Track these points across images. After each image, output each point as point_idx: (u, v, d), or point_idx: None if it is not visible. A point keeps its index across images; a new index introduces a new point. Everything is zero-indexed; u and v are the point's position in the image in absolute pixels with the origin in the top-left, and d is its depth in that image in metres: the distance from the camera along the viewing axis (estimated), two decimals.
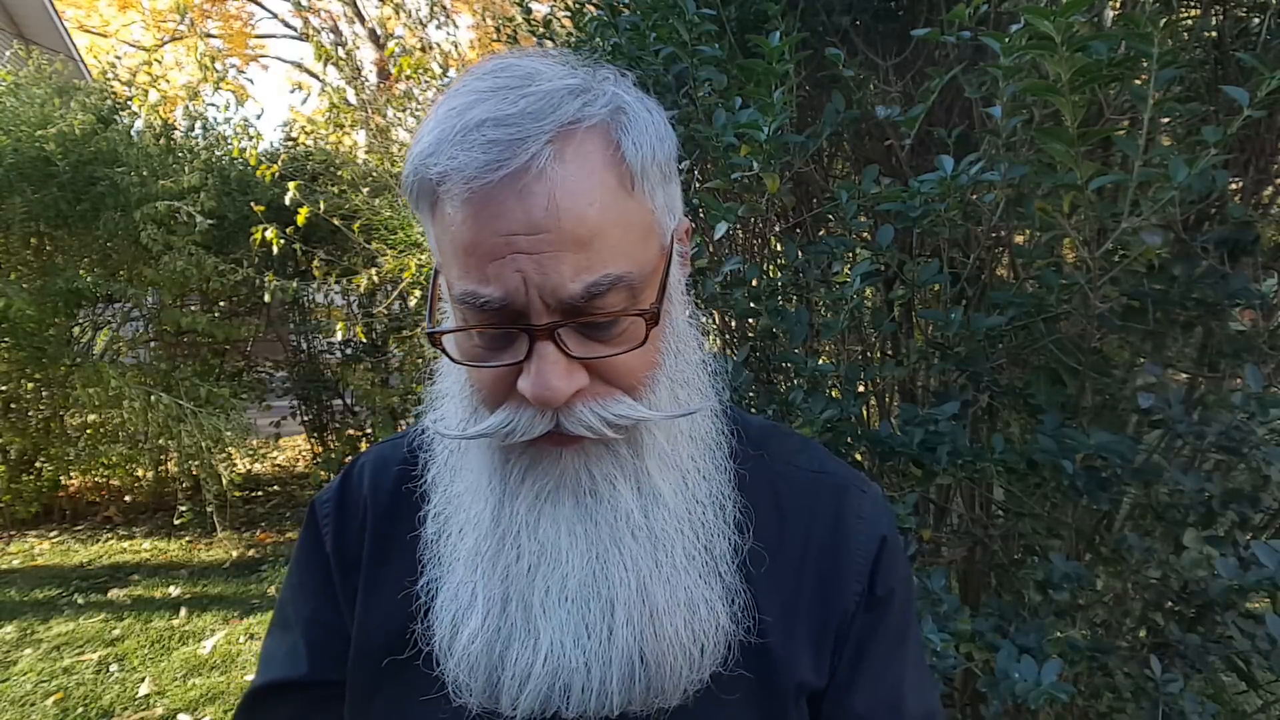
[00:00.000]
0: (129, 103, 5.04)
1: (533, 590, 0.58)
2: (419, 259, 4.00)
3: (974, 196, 1.22)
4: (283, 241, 4.30)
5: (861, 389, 1.54)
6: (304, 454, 6.82)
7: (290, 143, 5.75)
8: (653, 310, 0.56)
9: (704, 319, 1.79)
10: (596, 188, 0.53)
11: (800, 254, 1.40)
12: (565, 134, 0.52)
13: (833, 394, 1.37)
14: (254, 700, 0.73)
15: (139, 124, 5.05)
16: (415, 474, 0.70)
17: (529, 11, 2.44)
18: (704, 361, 0.66)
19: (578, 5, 1.89)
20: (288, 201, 4.16)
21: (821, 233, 1.73)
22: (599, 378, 0.56)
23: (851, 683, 0.67)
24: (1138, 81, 0.99)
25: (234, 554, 4.59)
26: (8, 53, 5.00)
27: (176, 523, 4.83)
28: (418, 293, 4.29)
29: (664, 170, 0.59)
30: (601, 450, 0.58)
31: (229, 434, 4.45)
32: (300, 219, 4.15)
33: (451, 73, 4.52)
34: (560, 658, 0.57)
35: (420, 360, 4.97)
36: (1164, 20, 0.91)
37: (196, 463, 4.57)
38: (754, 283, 1.40)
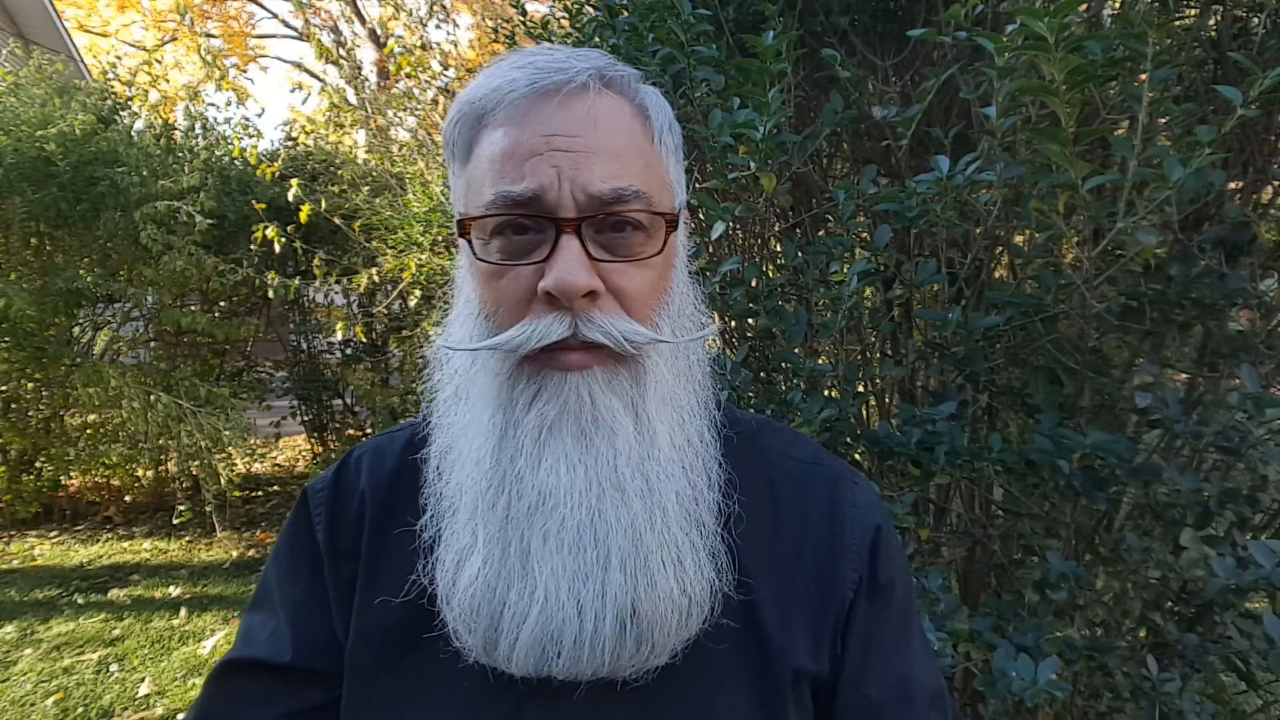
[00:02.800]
0: (129, 103, 5.04)
1: (531, 533, 0.59)
2: (419, 259, 4.00)
3: (971, 196, 1.22)
4: (284, 240, 4.30)
5: (860, 389, 1.54)
6: (304, 454, 6.82)
7: (290, 142, 5.75)
8: (672, 215, 0.62)
9: (704, 319, 1.79)
10: (627, 126, 0.61)
11: (799, 254, 1.40)
12: (606, 81, 0.61)
13: (831, 394, 1.37)
14: (228, 670, 0.72)
15: (139, 124, 5.06)
16: (416, 462, 0.70)
17: (525, 12, 2.44)
18: (701, 324, 0.69)
19: (576, 6, 1.89)
20: (291, 198, 4.16)
21: (820, 233, 1.73)
22: (611, 293, 0.60)
23: (864, 672, 0.68)
24: (1136, 82, 0.99)
25: (234, 554, 4.59)
26: (6, 52, 4.99)
27: (176, 522, 4.84)
28: (418, 293, 4.29)
29: (676, 146, 0.67)
30: (607, 377, 0.60)
31: (228, 434, 4.45)
32: (303, 215, 4.16)
33: (450, 72, 4.52)
34: (555, 604, 0.58)
35: (420, 360, 4.96)
36: (1160, 20, 0.91)
37: (196, 463, 4.58)
38: (753, 283, 1.40)
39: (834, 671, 0.68)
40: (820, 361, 1.38)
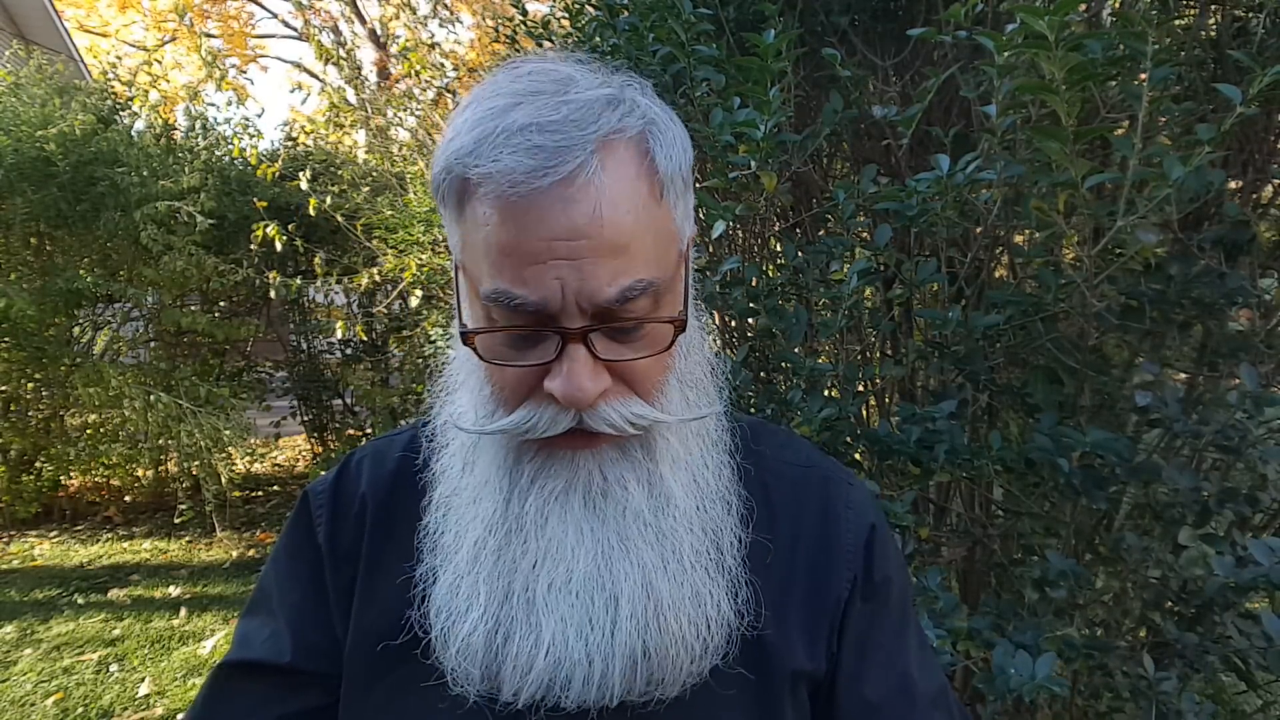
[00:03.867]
0: (129, 103, 5.04)
1: (536, 583, 0.59)
2: (419, 258, 4.01)
3: (971, 196, 1.22)
4: (284, 238, 4.30)
5: (860, 388, 1.54)
6: (304, 454, 6.82)
7: (290, 142, 5.75)
8: (681, 318, 0.59)
9: (704, 319, 1.79)
10: (632, 196, 0.54)
11: (798, 254, 1.40)
12: (608, 144, 0.54)
13: (831, 393, 1.37)
14: (226, 673, 0.72)
15: (139, 124, 5.06)
16: (416, 467, 0.70)
17: (525, 12, 2.44)
18: (710, 362, 0.68)
19: (576, 5, 1.89)
20: (304, 186, 4.16)
21: (821, 233, 1.73)
22: (618, 379, 0.58)
23: (861, 673, 0.68)
24: (1136, 81, 0.99)
25: (234, 554, 4.59)
26: (7, 52, 4.99)
27: (176, 522, 4.84)
28: (418, 293, 4.29)
29: (685, 180, 0.61)
30: (616, 453, 0.60)
31: (228, 434, 4.45)
32: (311, 207, 4.16)
33: (452, 71, 4.52)
34: (563, 650, 0.57)
35: (420, 360, 4.97)
36: (1160, 20, 0.91)
37: (196, 463, 4.58)
38: (753, 282, 1.40)
39: (831, 671, 0.68)
40: (820, 361, 1.38)
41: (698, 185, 1.42)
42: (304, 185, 4.14)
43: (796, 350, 1.38)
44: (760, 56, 1.15)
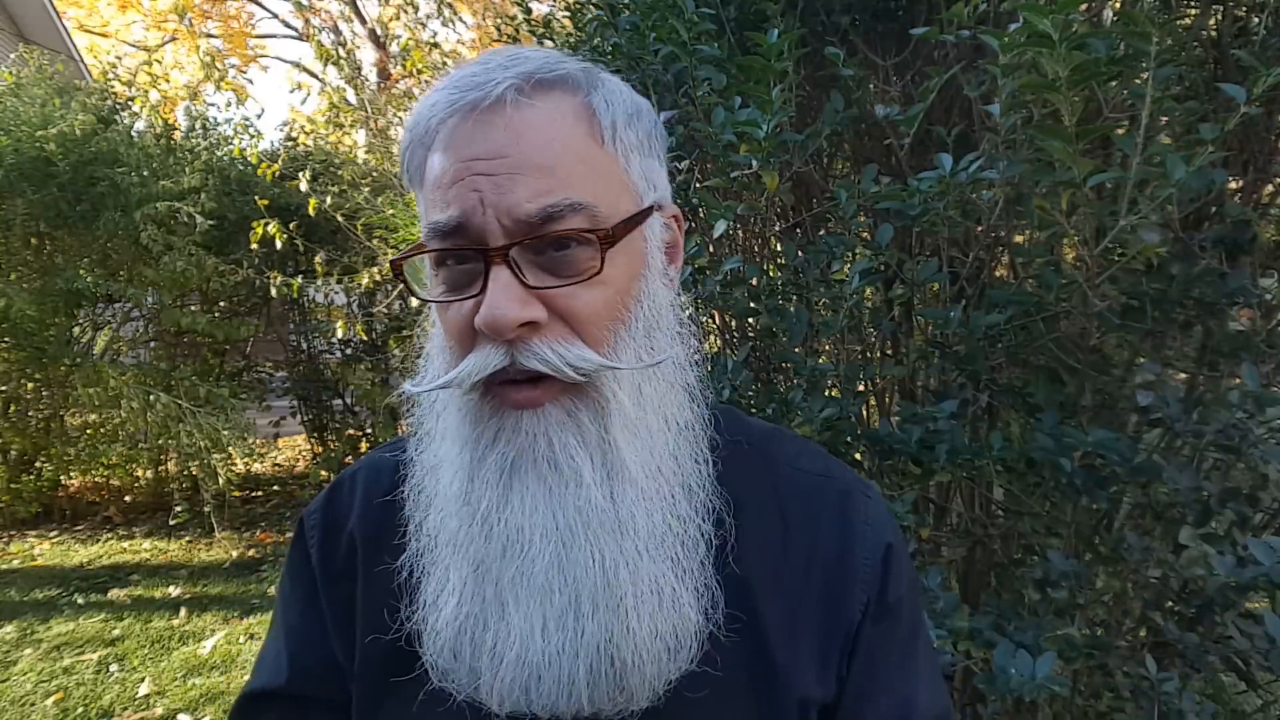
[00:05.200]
0: (129, 103, 5.04)
1: (504, 575, 0.57)
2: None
3: (973, 195, 1.22)
4: (285, 237, 4.30)
5: (860, 388, 1.54)
6: (304, 454, 6.82)
7: (290, 142, 5.75)
8: (607, 232, 0.56)
9: (704, 319, 1.79)
10: (562, 127, 0.56)
11: (800, 253, 1.40)
12: (533, 80, 0.56)
13: (831, 393, 1.37)
14: (243, 704, 0.74)
15: (139, 124, 5.06)
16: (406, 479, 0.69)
17: (529, 11, 2.44)
18: (680, 336, 0.65)
19: (577, 5, 1.89)
20: (303, 188, 4.16)
21: (821, 232, 1.73)
22: (559, 318, 0.56)
23: (865, 693, 0.65)
24: (1137, 80, 0.99)
25: (234, 554, 4.59)
26: (12, 56, 4.99)
27: (174, 523, 4.84)
28: None
29: (642, 141, 0.61)
30: (561, 415, 0.57)
31: (227, 434, 4.45)
32: (311, 207, 4.16)
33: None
34: (530, 649, 0.56)
35: (420, 360, 4.96)
36: (1162, 19, 0.91)
37: (195, 463, 4.58)
38: (754, 282, 1.40)
39: (838, 694, 0.65)
40: (821, 361, 1.38)
41: (699, 185, 1.42)
42: (303, 186, 4.13)
43: (797, 350, 1.38)
44: (764, 56, 1.15)
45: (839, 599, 0.64)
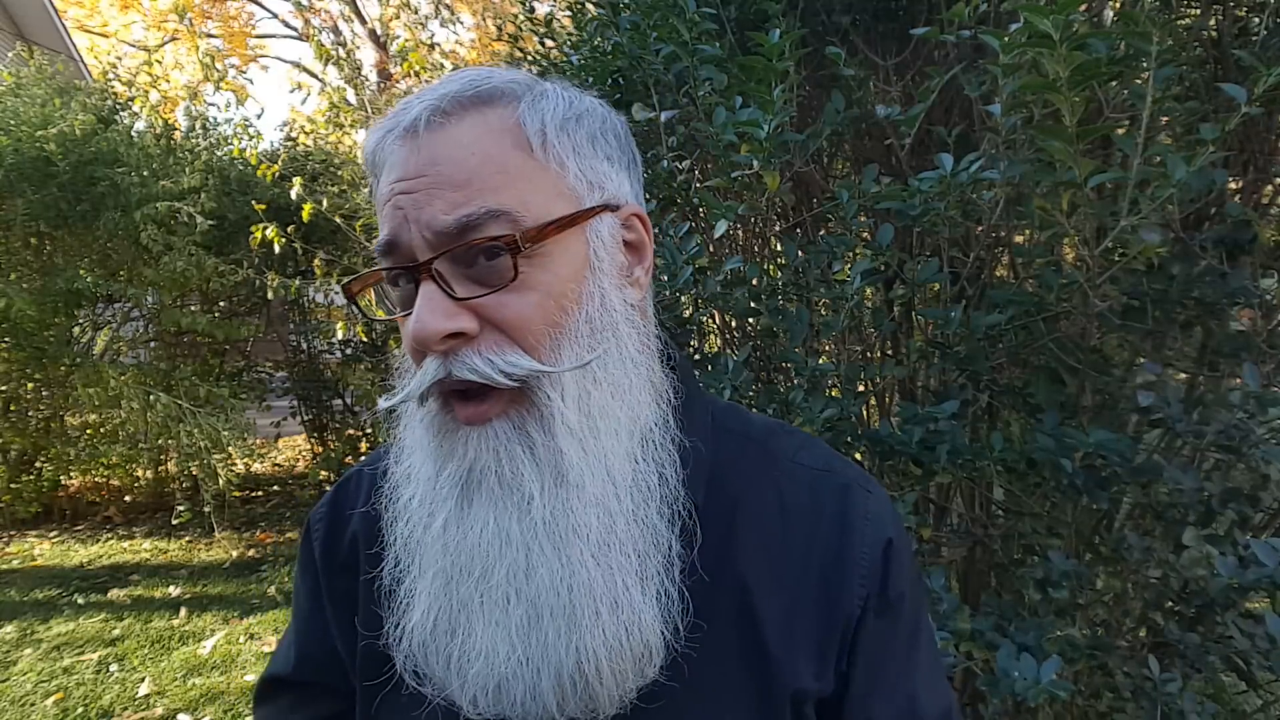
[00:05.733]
0: (129, 103, 5.04)
1: (465, 586, 0.58)
2: None
3: (973, 195, 1.22)
4: (284, 240, 4.30)
5: (861, 388, 1.54)
6: (304, 454, 6.82)
7: (290, 142, 5.75)
8: (514, 239, 0.55)
9: (704, 319, 1.79)
10: (483, 142, 0.57)
11: (800, 254, 1.40)
12: (450, 100, 0.58)
13: (831, 393, 1.37)
14: (260, 688, 0.81)
15: (139, 124, 5.06)
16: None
17: (532, 10, 2.44)
18: (644, 337, 0.64)
19: (578, 4, 1.89)
20: (294, 196, 4.16)
21: (821, 232, 1.73)
22: (493, 327, 0.56)
23: (869, 693, 0.65)
24: (1138, 80, 0.99)
25: (234, 554, 4.59)
26: (10, 55, 4.99)
27: (175, 523, 4.84)
28: None
29: (583, 144, 0.61)
30: (507, 429, 0.57)
31: (227, 434, 4.45)
32: (305, 214, 4.16)
33: (451, 72, 4.52)
34: (494, 660, 0.57)
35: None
36: (1163, 19, 0.91)
37: (196, 463, 4.58)
38: (754, 282, 1.40)
39: (839, 690, 0.64)
40: (822, 361, 1.38)
41: (699, 185, 1.42)
42: (295, 192, 4.12)
43: (797, 350, 1.38)
44: (766, 56, 1.15)
45: (837, 594, 0.64)
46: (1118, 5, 1.43)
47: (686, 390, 0.66)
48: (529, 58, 2.46)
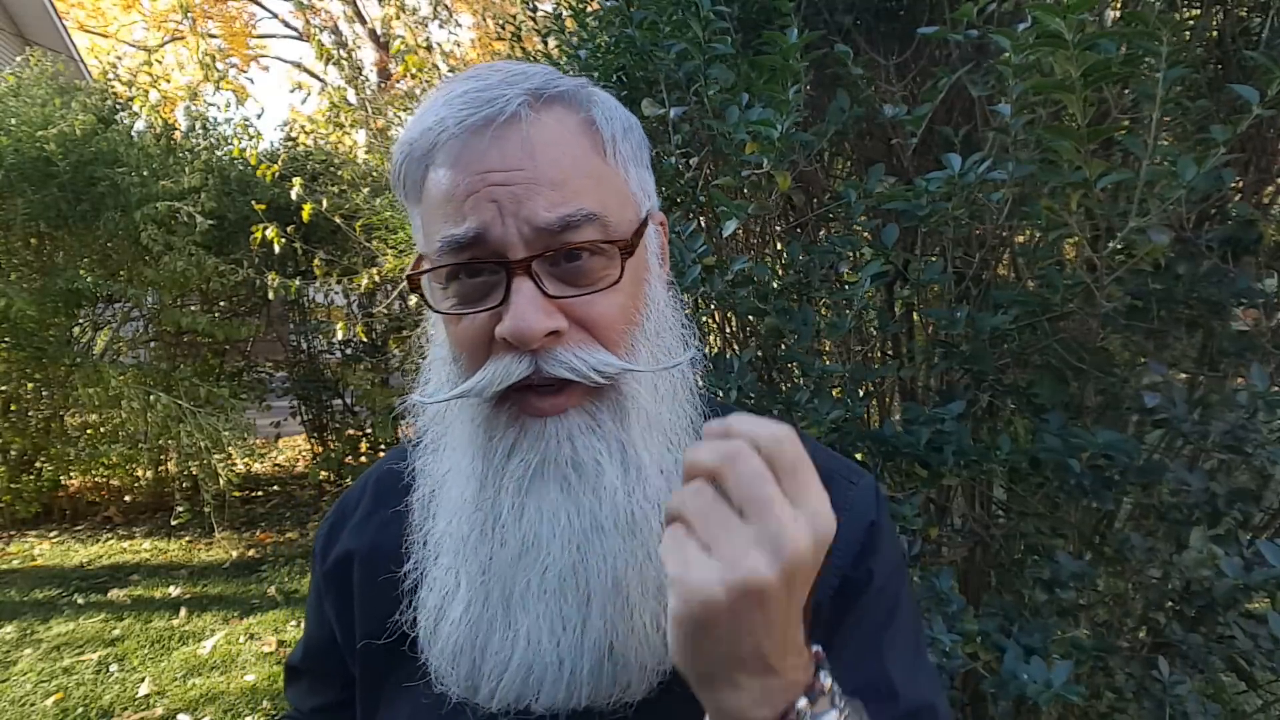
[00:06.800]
0: (130, 103, 5.04)
1: (515, 581, 0.59)
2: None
3: (981, 196, 1.22)
4: (283, 240, 4.30)
5: (864, 389, 1.54)
6: (304, 454, 6.81)
7: (290, 142, 5.74)
8: (627, 242, 0.58)
9: (704, 319, 1.79)
10: (569, 141, 0.58)
11: (803, 254, 1.40)
12: (541, 95, 0.58)
13: (834, 394, 1.37)
14: (286, 672, 0.87)
15: (139, 124, 5.05)
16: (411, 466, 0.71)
17: (535, 9, 2.43)
18: (684, 341, 0.66)
19: (580, 3, 1.89)
20: (294, 196, 4.15)
21: (822, 233, 1.73)
22: (578, 325, 0.57)
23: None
24: (1145, 79, 0.99)
25: (234, 554, 4.59)
26: (18, 59, 4.99)
27: (175, 523, 4.83)
28: None
29: (635, 152, 0.63)
30: (585, 420, 0.58)
31: (227, 434, 4.45)
32: (305, 215, 4.15)
33: (450, 74, 4.52)
34: (536, 651, 0.58)
35: (420, 360, 4.96)
36: (1173, 21, 0.91)
37: (196, 463, 4.57)
38: (761, 281, 1.39)
39: None
40: (826, 362, 1.38)
41: (709, 183, 1.41)
42: (295, 193, 4.12)
43: (803, 351, 1.38)
44: (782, 55, 1.14)
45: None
46: (1118, 5, 1.43)
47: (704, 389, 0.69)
48: (531, 58, 2.46)
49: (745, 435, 0.46)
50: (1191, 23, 1.37)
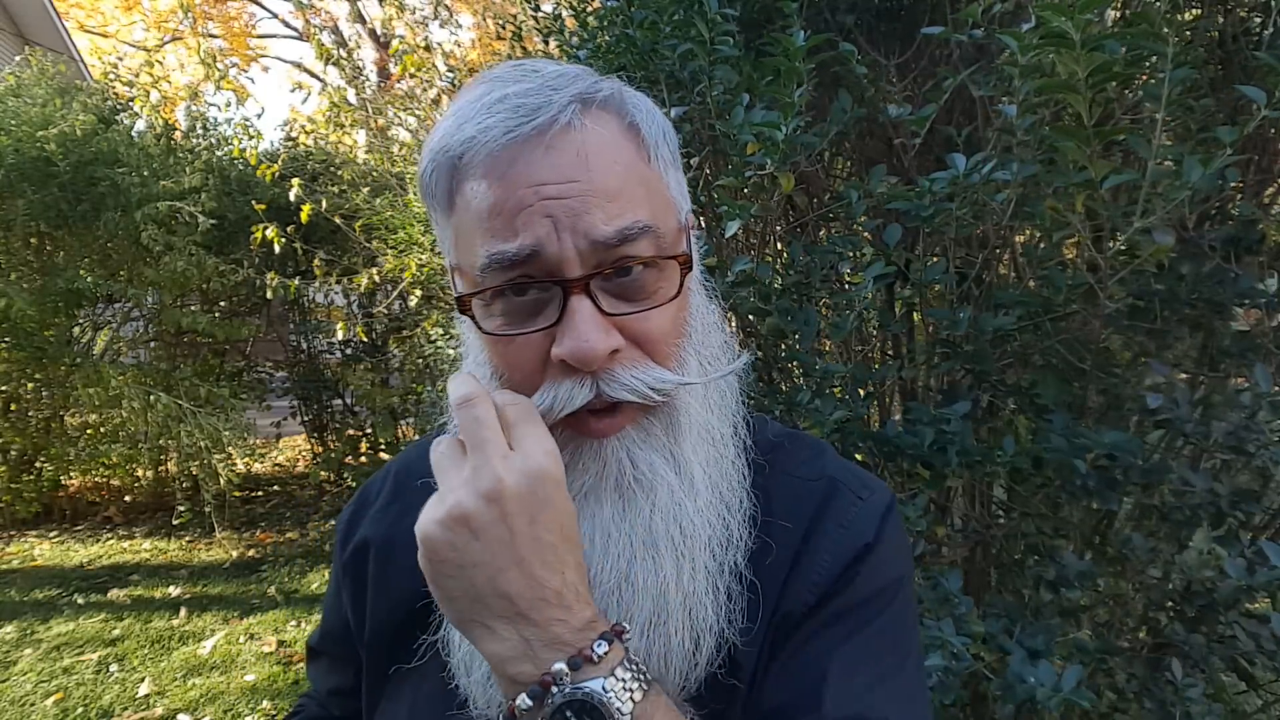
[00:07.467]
0: (130, 103, 5.03)
1: None
2: (419, 259, 4.00)
3: (984, 196, 1.22)
4: (283, 240, 4.29)
5: (865, 390, 1.54)
6: (304, 454, 6.81)
7: (290, 142, 5.74)
8: (686, 256, 0.56)
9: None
10: (618, 149, 0.55)
11: (804, 254, 1.39)
12: (585, 102, 0.54)
13: (835, 394, 1.36)
14: (307, 651, 0.88)
15: (140, 124, 5.05)
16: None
17: (538, 9, 2.43)
18: (726, 343, 0.65)
19: (580, 3, 1.89)
20: (292, 197, 4.16)
21: (822, 233, 1.73)
22: (632, 343, 0.55)
23: (765, 683, 0.59)
24: (1151, 80, 0.99)
25: (234, 554, 4.58)
26: (17, 59, 4.99)
27: (175, 523, 4.83)
28: (418, 292, 4.28)
29: (673, 155, 0.61)
30: (640, 434, 0.57)
31: (228, 434, 4.45)
32: (304, 216, 4.15)
33: (450, 73, 4.51)
34: None
35: (420, 360, 4.97)
36: (1179, 22, 0.91)
37: (196, 463, 4.57)
38: (763, 282, 1.39)
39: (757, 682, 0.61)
40: (828, 363, 1.38)
41: (711, 183, 1.41)
42: (294, 194, 4.11)
43: (805, 351, 1.38)
44: (788, 57, 1.14)
45: (788, 596, 0.61)
46: (1119, 5, 1.43)
47: None
48: (532, 58, 2.45)
49: (486, 396, 0.52)
50: (1193, 23, 1.37)
